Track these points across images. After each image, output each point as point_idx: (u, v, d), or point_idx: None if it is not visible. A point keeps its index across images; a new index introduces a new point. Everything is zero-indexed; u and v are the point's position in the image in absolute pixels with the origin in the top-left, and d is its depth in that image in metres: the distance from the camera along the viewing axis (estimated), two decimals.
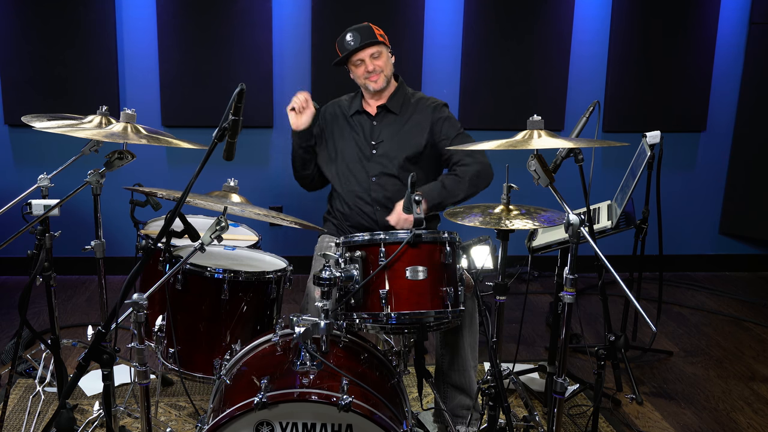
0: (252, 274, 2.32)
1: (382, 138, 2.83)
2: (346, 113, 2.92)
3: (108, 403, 1.90)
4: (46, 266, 2.36)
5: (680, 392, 3.18)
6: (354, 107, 2.91)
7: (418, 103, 2.87)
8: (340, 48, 2.82)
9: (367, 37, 2.77)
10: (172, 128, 4.26)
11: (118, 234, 4.19)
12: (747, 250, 4.98)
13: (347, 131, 2.89)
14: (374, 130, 2.85)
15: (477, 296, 2.15)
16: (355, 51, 2.76)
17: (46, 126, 2.19)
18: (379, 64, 2.79)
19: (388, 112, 2.87)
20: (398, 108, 2.86)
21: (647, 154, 3.01)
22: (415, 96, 2.91)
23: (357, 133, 2.87)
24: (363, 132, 2.86)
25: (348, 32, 2.79)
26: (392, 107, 2.86)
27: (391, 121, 2.86)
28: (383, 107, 2.86)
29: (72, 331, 3.63)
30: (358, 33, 2.77)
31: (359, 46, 2.76)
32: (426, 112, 2.84)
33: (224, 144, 1.74)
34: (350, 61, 2.81)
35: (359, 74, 2.82)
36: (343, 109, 2.94)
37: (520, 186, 2.18)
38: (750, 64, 4.68)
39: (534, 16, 4.44)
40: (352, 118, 2.90)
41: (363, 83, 2.83)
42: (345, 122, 2.91)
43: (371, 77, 2.79)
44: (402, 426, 1.86)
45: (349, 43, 2.77)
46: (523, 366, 3.19)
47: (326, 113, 2.97)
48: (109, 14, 4.16)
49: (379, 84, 2.81)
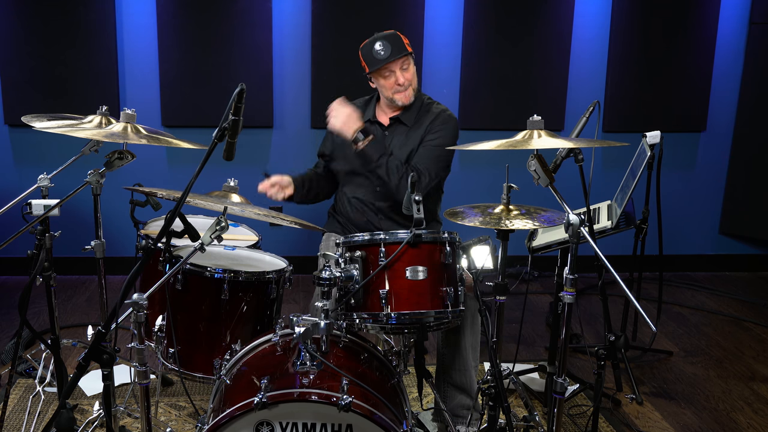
0: (252, 274, 2.32)
1: (391, 149, 2.77)
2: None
3: (108, 403, 1.90)
4: (46, 266, 2.36)
5: (680, 392, 3.18)
6: (367, 115, 2.85)
7: (428, 111, 2.81)
8: (366, 57, 2.72)
9: (397, 47, 2.67)
10: (172, 128, 4.26)
11: (118, 234, 4.19)
12: (747, 250, 4.99)
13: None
14: (385, 140, 2.80)
15: (477, 296, 2.15)
16: (385, 62, 2.68)
17: (46, 126, 2.19)
18: (408, 77, 2.72)
19: (400, 124, 2.82)
20: (411, 120, 2.80)
21: (647, 154, 3.01)
22: (425, 102, 2.85)
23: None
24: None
25: (376, 41, 2.68)
26: (405, 120, 2.80)
27: (402, 132, 2.81)
28: (396, 119, 2.82)
29: (72, 331, 3.63)
30: (388, 42, 2.67)
31: (390, 57, 2.67)
32: (428, 120, 2.79)
33: (224, 144, 1.74)
34: (377, 72, 2.73)
35: (387, 86, 2.73)
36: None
37: (520, 186, 2.18)
38: (750, 64, 4.68)
39: (534, 16, 4.44)
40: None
41: (390, 96, 2.75)
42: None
43: (400, 92, 2.73)
44: (402, 426, 1.86)
45: (378, 53, 2.67)
46: (523, 366, 3.19)
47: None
48: (109, 14, 4.16)
49: (407, 99, 2.74)
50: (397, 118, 2.82)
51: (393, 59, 2.67)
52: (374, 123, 2.85)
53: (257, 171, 2.64)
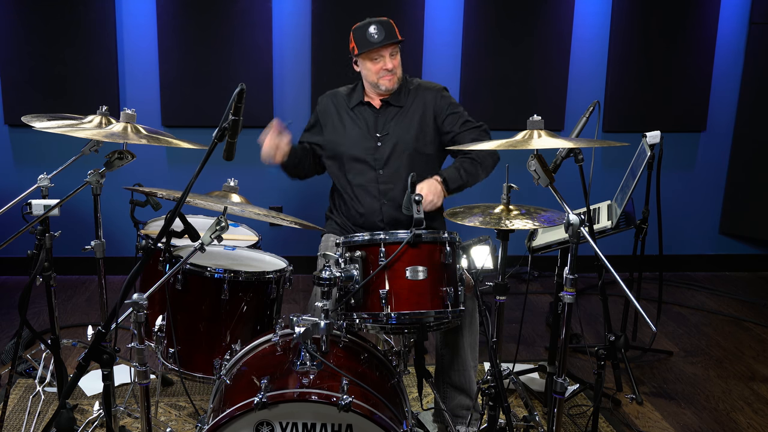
0: (252, 274, 2.32)
1: (387, 130, 2.77)
2: (345, 105, 2.85)
3: (108, 403, 1.90)
4: (46, 266, 2.36)
5: (680, 392, 3.18)
6: (355, 99, 2.84)
7: (417, 91, 2.82)
8: (359, 39, 2.71)
9: (391, 33, 2.69)
10: (172, 128, 4.26)
11: (118, 234, 4.19)
12: (747, 250, 4.98)
13: (348, 124, 2.82)
14: (378, 122, 2.80)
15: (477, 296, 2.15)
16: (378, 46, 2.68)
17: (46, 126, 2.19)
18: (395, 63, 2.74)
19: (391, 106, 2.82)
20: (402, 101, 2.81)
21: (647, 154, 3.01)
22: (413, 83, 2.86)
23: (359, 126, 2.81)
24: (367, 124, 2.80)
25: (371, 24, 2.68)
26: (396, 102, 2.81)
27: (395, 113, 2.80)
28: (386, 102, 2.82)
29: (72, 331, 3.63)
30: (382, 27, 2.68)
31: (384, 42, 2.68)
32: (428, 99, 2.80)
33: (224, 144, 1.74)
34: (366, 54, 2.73)
35: (374, 70, 2.73)
36: (342, 101, 2.86)
37: (520, 186, 2.18)
38: (750, 64, 4.68)
39: (534, 16, 4.44)
40: (354, 111, 2.84)
41: (374, 80, 2.75)
42: (346, 115, 2.84)
43: (386, 76, 2.73)
44: (402, 426, 1.86)
45: (372, 35, 2.67)
46: (523, 366, 3.19)
47: (323, 107, 2.90)
48: (109, 14, 4.16)
49: (392, 84, 2.75)
50: (387, 101, 2.81)
51: (385, 44, 2.68)
52: (364, 105, 2.83)
53: (257, 171, 2.63)
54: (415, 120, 2.79)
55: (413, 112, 2.80)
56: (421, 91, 2.83)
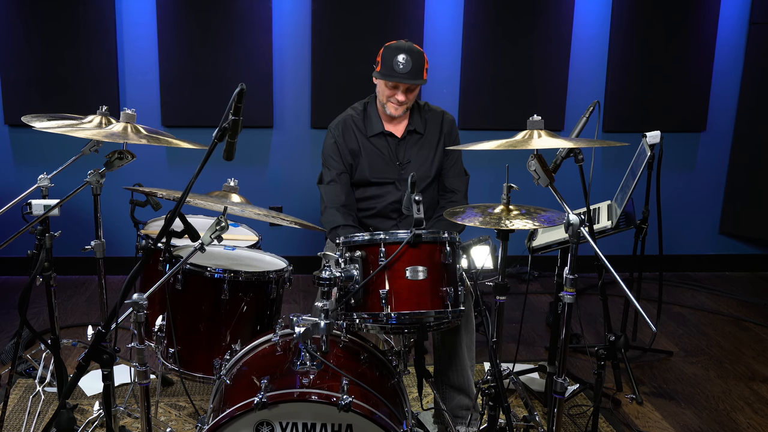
0: (252, 274, 2.32)
1: (408, 158, 2.76)
2: (362, 133, 2.78)
3: (108, 403, 1.90)
4: (46, 266, 2.36)
5: (680, 392, 3.18)
6: (376, 128, 2.77)
7: (429, 117, 2.80)
8: (385, 59, 2.64)
9: (416, 73, 2.61)
10: (172, 128, 4.27)
11: (118, 234, 4.19)
12: (747, 250, 4.99)
13: (369, 151, 2.76)
14: (399, 150, 2.77)
15: (476, 296, 2.15)
16: (399, 79, 2.61)
17: (46, 126, 2.19)
18: (410, 98, 2.69)
19: (414, 133, 2.79)
20: (422, 127, 2.78)
21: (647, 154, 3.01)
22: (426, 109, 2.83)
23: (381, 153, 2.76)
24: (389, 152, 2.77)
25: (402, 52, 2.60)
26: (417, 128, 2.77)
27: (416, 141, 2.79)
28: (410, 131, 2.77)
29: (72, 331, 3.63)
30: (411, 60, 2.60)
31: (405, 80, 2.61)
32: (439, 128, 2.79)
33: (224, 144, 1.74)
34: (384, 78, 2.66)
35: (386, 94, 2.69)
36: (358, 128, 2.78)
37: (520, 186, 2.18)
38: (750, 64, 4.68)
39: (534, 16, 4.44)
40: (372, 140, 2.77)
41: (383, 102, 2.71)
42: (365, 142, 2.77)
43: (395, 104, 2.68)
44: (402, 426, 1.86)
45: (398, 64, 2.59)
46: (523, 366, 3.19)
47: (341, 137, 2.77)
48: (109, 14, 4.16)
49: (398, 113, 2.70)
50: (410, 130, 2.78)
51: (406, 81, 2.63)
52: (387, 135, 2.77)
53: (257, 171, 2.64)
54: (431, 149, 2.78)
55: (430, 140, 2.78)
56: (433, 118, 2.80)
